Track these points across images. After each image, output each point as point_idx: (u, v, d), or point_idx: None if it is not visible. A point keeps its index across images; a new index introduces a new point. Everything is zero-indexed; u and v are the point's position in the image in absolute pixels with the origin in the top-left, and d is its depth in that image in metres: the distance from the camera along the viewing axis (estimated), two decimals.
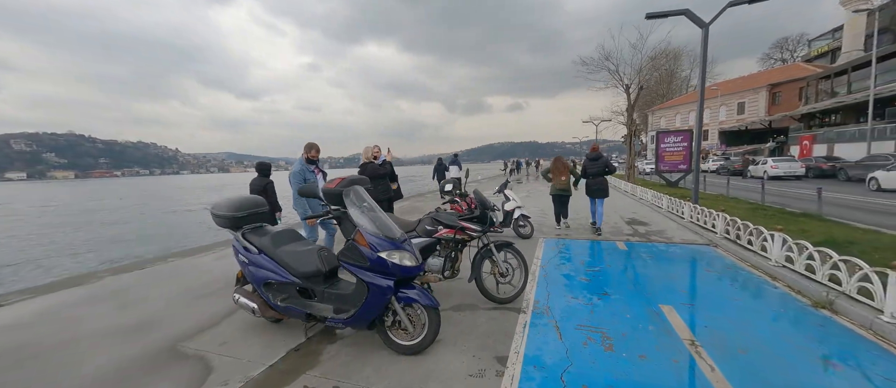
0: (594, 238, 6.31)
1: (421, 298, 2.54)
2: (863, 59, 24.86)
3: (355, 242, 2.49)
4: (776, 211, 8.30)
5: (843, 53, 32.78)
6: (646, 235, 6.49)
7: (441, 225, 3.48)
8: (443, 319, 3.14)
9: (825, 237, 5.22)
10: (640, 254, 5.24)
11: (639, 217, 8.39)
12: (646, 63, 15.66)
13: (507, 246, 3.62)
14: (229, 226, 3.12)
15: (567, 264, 4.85)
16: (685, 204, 7.40)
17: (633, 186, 12.88)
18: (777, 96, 36.90)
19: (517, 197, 6.65)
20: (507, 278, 3.57)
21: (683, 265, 4.78)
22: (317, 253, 2.85)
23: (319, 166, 4.66)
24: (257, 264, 2.94)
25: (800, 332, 2.90)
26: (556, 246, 5.82)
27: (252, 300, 2.97)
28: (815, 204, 9.68)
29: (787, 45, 53.21)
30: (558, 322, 3.09)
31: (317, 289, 2.79)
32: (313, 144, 4.51)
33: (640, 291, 3.79)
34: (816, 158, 20.80)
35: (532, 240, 6.33)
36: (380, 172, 5.43)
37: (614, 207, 10.30)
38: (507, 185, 6.99)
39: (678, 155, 15.50)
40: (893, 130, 19.62)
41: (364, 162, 5.51)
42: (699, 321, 3.06)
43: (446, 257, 3.49)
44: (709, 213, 6.30)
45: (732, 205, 9.61)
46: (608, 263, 4.85)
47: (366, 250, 2.45)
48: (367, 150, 5.57)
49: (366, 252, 2.45)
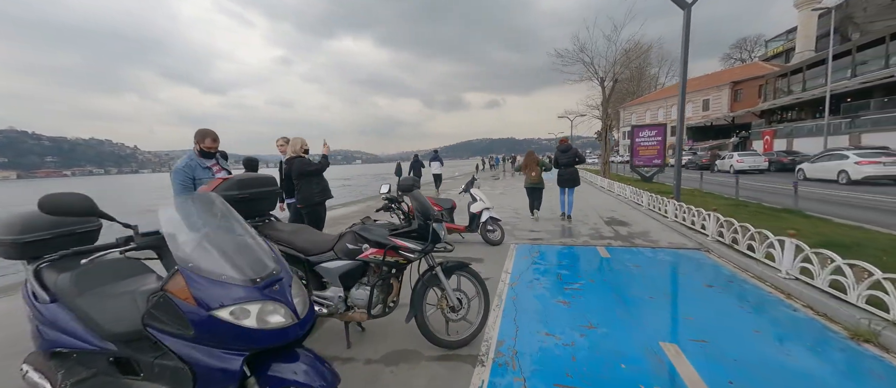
0: (572, 243, 5.50)
1: (308, 378, 1.49)
2: (816, 58, 26.06)
3: (167, 292, 1.41)
4: (756, 207, 7.89)
5: (796, 53, 34.50)
6: (628, 237, 5.76)
7: (366, 243, 2.46)
8: (368, 378, 2.15)
9: (822, 238, 4.66)
10: (625, 263, 4.45)
11: (619, 216, 7.72)
12: (620, 56, 15.24)
13: (461, 268, 2.67)
14: (15, 256, 1.96)
15: (542, 279, 3.97)
16: (668, 201, 6.77)
17: (610, 183, 12.37)
18: (739, 93, 38.42)
19: (486, 197, 5.73)
20: (460, 313, 2.61)
21: (677, 278, 4.02)
22: (148, 299, 1.74)
23: (221, 162, 3.50)
24: (50, 320, 1.80)
25: (857, 384, 2.12)
26: (529, 254, 4.95)
27: (49, 379, 1.83)
28: (785, 198, 9.69)
29: (745, 45, 55.97)
30: (528, 381, 2.17)
31: (142, 360, 1.69)
32: (208, 131, 3.33)
33: (632, 319, 2.94)
34: (778, 153, 21.52)
35: (503, 246, 5.44)
36: (309, 169, 4.33)
37: (592, 205, 9.65)
38: (473, 183, 6.05)
39: (652, 149, 15.21)
40: (848, 125, 20.51)
41: (290, 156, 4.39)
42: (718, 371, 2.22)
43: (375, 286, 2.48)
44: (697, 212, 5.64)
45: (709, 200, 9.20)
46: (590, 276, 4.01)
47: (187, 305, 1.38)
48: (295, 142, 4.44)
49: (187, 309, 1.38)
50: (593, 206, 9.41)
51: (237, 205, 2.39)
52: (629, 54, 15.18)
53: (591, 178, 16.40)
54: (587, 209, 8.79)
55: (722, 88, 39.22)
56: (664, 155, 15.18)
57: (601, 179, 14.26)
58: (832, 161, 13.24)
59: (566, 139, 7.52)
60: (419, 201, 2.54)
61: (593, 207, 9.26)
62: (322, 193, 4.49)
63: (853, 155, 12.54)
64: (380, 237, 2.45)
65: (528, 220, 7.51)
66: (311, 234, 2.76)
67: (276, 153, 5.17)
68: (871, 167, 11.83)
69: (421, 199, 2.56)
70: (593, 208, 8.95)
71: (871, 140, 17.88)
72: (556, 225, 6.98)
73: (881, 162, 11.81)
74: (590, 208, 9.09)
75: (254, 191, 2.65)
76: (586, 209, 8.82)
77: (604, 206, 9.33)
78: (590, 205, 9.55)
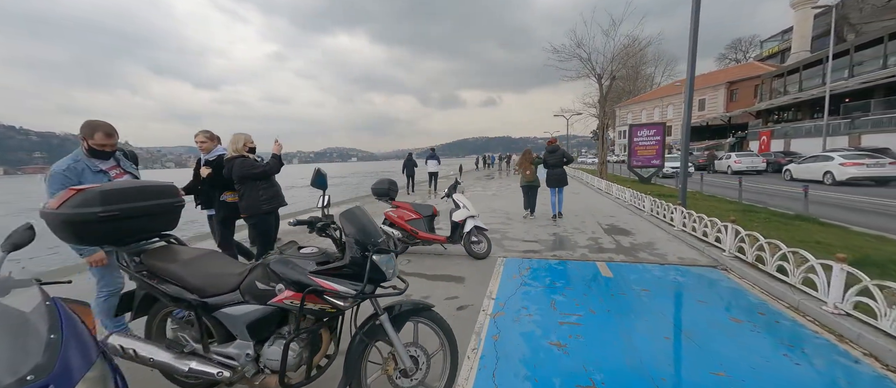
0: (569, 258, 4.81)
1: None
2: (813, 58, 25.74)
3: None
4: (766, 213, 7.28)
5: (792, 54, 34.22)
6: (632, 250, 5.08)
7: (283, 283, 1.73)
8: None
9: (857, 253, 4.03)
10: (631, 285, 3.76)
11: (619, 223, 7.05)
12: (618, 51, 14.58)
13: (419, 313, 1.94)
14: None
15: (532, 307, 3.26)
16: (675, 208, 6.10)
17: (607, 184, 11.71)
18: (734, 93, 38.18)
19: (470, 203, 5.02)
20: (415, 377, 1.90)
21: (696, 308, 3.34)
22: None
23: (125, 164, 2.74)
24: None
25: None
26: (519, 272, 4.25)
27: None
28: (788, 201, 9.29)
29: (740, 45, 55.97)
30: None
31: None
32: (99, 123, 2.53)
33: (645, 372, 2.24)
34: (775, 153, 21.15)
35: (490, 260, 4.73)
36: (253, 172, 3.58)
37: (590, 208, 8.99)
38: (456, 187, 5.33)
39: (651, 149, 14.63)
40: (848, 126, 20.12)
41: (231, 155, 3.63)
42: None
43: (292, 340, 1.74)
44: (711, 223, 4.95)
45: (713, 205, 8.59)
46: (591, 304, 3.31)
47: None
48: (237, 138, 3.67)
49: None
50: (591, 210, 8.74)
51: (106, 226, 1.63)
52: (628, 50, 14.52)
53: (587, 178, 15.76)
54: (584, 214, 8.12)
55: (718, 88, 38.97)
56: (663, 155, 14.60)
57: (598, 180, 13.61)
58: (818, 163, 13.68)
59: (554, 140, 7.67)
60: (355, 222, 1.79)
61: (591, 211, 8.59)
62: (271, 200, 3.73)
63: (838, 157, 12.94)
64: (298, 275, 1.71)
65: (519, 227, 6.83)
66: (215, 264, 2.01)
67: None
68: (854, 169, 12.28)
69: (359, 220, 1.82)
70: (591, 213, 8.28)
71: (872, 141, 17.48)
72: (550, 231, 6.31)
73: (864, 164, 12.24)
74: (587, 212, 8.42)
75: (133, 206, 1.90)
76: (583, 214, 8.15)
77: (602, 210, 8.66)
78: (587, 209, 8.88)
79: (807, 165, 14.17)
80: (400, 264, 4.77)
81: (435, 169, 13.68)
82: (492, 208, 9.18)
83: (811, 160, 14.27)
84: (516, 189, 7.71)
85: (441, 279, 4.10)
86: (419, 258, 4.96)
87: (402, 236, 5.02)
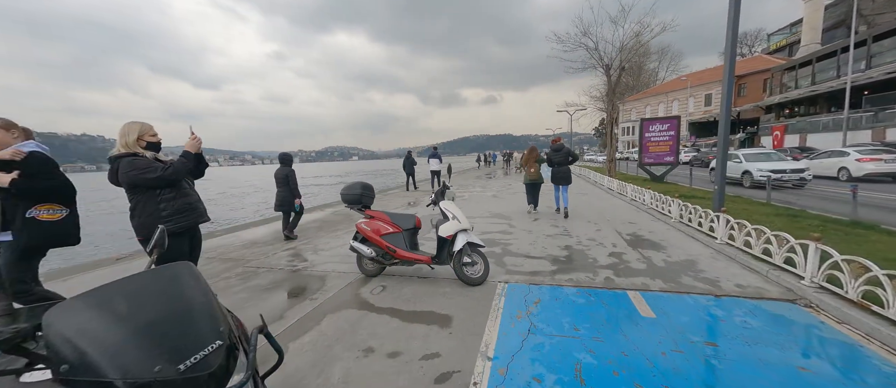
0: (590, 284, 3.71)
1: None
2: (826, 49, 24.61)
3: None
4: (818, 220, 6.13)
5: (802, 46, 33.04)
6: (670, 272, 3.97)
7: None
8: None
9: None
10: (686, 335, 2.66)
11: (643, 233, 5.92)
12: (629, 39, 13.44)
13: None
14: None
15: (549, 378, 2.18)
16: (719, 216, 4.97)
17: (620, 184, 10.58)
18: (742, 88, 37.04)
19: (461, 212, 3.91)
20: None
21: (793, 377, 2.24)
22: None
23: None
24: None
25: None
26: (524, 306, 3.16)
27: None
28: (818, 201, 8.40)
29: (745, 39, 54.57)
30: None
31: None
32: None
33: None
34: (791, 149, 20.04)
35: (487, 287, 3.65)
36: (148, 177, 2.51)
37: (603, 212, 7.87)
38: (445, 193, 4.22)
39: (664, 145, 13.52)
40: (870, 119, 18.96)
41: (118, 152, 2.55)
42: None
43: None
44: (776, 239, 3.78)
45: (742, 207, 7.50)
46: (637, 375, 2.22)
47: None
48: (129, 129, 2.58)
49: None
50: (605, 214, 7.62)
51: None
52: (640, 37, 13.38)
53: (595, 177, 14.61)
54: (598, 220, 7.01)
55: None
56: (678, 152, 13.49)
57: (608, 179, 12.48)
58: (832, 158, 13.14)
59: (559, 139, 7.77)
60: (85, 332, 0.68)
61: (605, 215, 7.48)
62: (176, 216, 2.63)
63: (854, 152, 12.44)
64: None
65: (523, 237, 5.75)
66: None
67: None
68: (872, 164, 11.74)
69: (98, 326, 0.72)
70: (606, 218, 7.17)
71: None
72: (561, 244, 5.21)
73: (882, 159, 11.71)
74: (601, 217, 7.30)
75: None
76: (598, 219, 7.05)
77: (619, 215, 7.53)
78: (600, 213, 7.76)
79: (820, 161, 13.47)
80: (370, 293, 3.68)
81: (437, 167, 13.49)
82: (490, 212, 8.09)
83: (825, 156, 13.62)
84: (518, 190, 7.61)
85: (420, 320, 3.01)
86: (397, 284, 3.88)
87: (377, 254, 3.94)
